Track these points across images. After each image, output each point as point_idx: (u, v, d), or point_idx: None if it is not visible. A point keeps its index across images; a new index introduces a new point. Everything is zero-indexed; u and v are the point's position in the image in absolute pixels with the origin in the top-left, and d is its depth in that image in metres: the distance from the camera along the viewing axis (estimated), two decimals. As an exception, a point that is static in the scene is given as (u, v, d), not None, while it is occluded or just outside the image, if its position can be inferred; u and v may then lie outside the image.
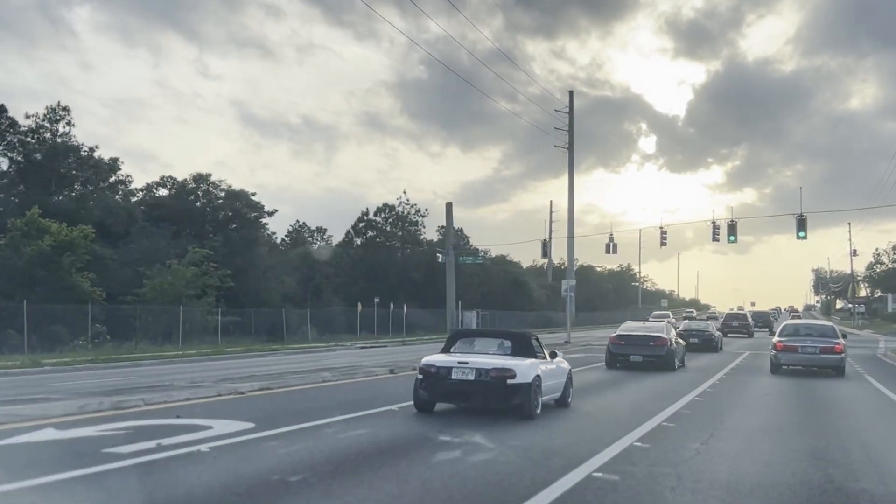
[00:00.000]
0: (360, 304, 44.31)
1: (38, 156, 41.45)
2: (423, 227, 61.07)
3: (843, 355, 20.23)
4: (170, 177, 50.92)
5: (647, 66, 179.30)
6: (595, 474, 7.02)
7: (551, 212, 78.29)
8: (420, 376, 11.06)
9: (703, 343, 30.39)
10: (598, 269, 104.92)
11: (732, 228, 41.34)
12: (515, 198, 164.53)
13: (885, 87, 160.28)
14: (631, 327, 23.63)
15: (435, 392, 10.91)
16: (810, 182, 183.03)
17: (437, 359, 11.15)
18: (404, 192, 71.83)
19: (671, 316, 57.81)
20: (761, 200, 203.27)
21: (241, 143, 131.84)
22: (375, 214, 60.84)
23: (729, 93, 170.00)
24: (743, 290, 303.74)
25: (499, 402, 10.57)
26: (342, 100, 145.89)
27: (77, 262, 32.13)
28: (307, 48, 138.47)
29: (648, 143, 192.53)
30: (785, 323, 25.02)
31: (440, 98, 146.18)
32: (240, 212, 50.19)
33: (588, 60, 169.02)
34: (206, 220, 49.08)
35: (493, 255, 71.00)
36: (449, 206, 53.60)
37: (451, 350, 11.73)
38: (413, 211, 60.54)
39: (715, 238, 42.49)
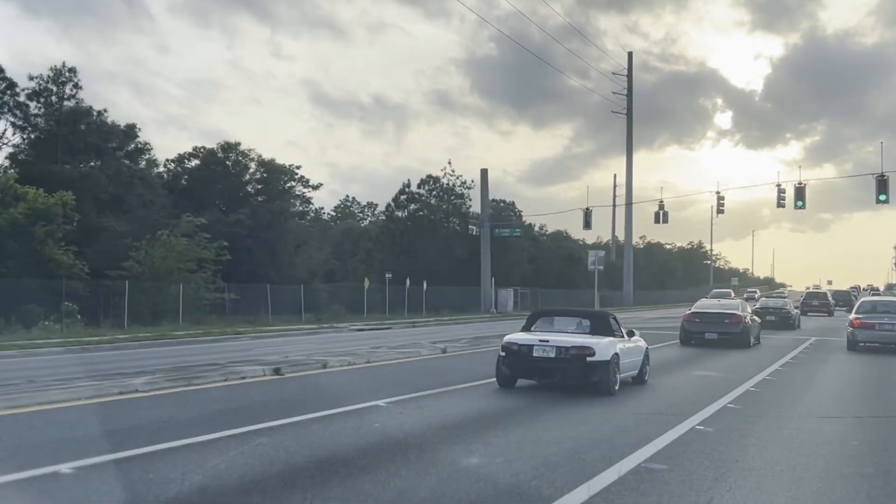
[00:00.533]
0: (366, 280, 43.30)
1: (41, 121, 41.21)
2: (470, 199, 61.92)
3: (922, 332, 21.24)
4: (202, 147, 51.22)
5: (723, 41, 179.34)
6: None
7: (615, 185, 79.51)
8: (503, 353, 12.56)
9: (781, 321, 31.88)
10: (668, 246, 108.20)
11: (800, 193, 40.78)
12: (587, 175, 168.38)
13: None
14: (706, 304, 25.36)
15: (517, 368, 12.42)
16: (893, 158, 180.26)
17: (519, 337, 12.64)
18: (449, 163, 71.60)
19: (732, 294, 58.45)
20: (841, 176, 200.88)
21: (314, 123, 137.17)
22: (419, 186, 61.59)
23: (808, 66, 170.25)
24: (822, 268, 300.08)
25: (578, 379, 12.02)
26: (412, 78, 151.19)
27: (55, 232, 30.79)
28: (377, 27, 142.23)
29: (724, 118, 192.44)
30: (862, 300, 26.04)
31: (511, 76, 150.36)
32: (271, 183, 50.79)
33: (662, 35, 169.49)
34: (234, 191, 49.40)
35: (549, 230, 72.33)
36: (484, 173, 54.03)
37: (532, 328, 13.21)
38: (459, 183, 61.03)
39: (780, 204, 42.60)
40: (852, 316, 22.85)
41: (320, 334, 29.73)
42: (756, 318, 25.44)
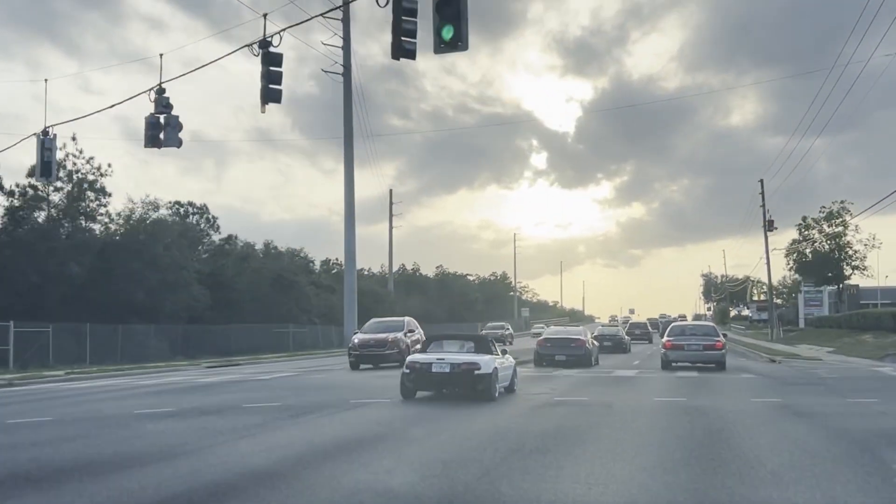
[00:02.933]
0: None
1: None
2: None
3: (724, 351, 26.38)
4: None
5: (537, 83, 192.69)
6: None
7: (391, 202, 79.97)
8: (406, 370, 15.77)
9: (615, 345, 37.94)
10: (471, 277, 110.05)
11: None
12: (410, 214, 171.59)
13: (764, 103, 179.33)
14: (554, 331, 30.28)
15: (419, 382, 15.67)
16: (694, 196, 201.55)
17: (420, 357, 15.95)
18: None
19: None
20: (649, 214, 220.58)
21: (127, 160, 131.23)
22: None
23: (616, 110, 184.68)
24: (633, 299, 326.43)
25: (468, 388, 15.45)
26: (231, 115, 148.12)
27: None
28: (193, 62, 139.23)
29: (540, 159, 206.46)
30: (672, 325, 31.30)
31: (332, 114, 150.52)
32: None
33: (479, 77, 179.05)
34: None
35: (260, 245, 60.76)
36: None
37: (427, 350, 16.53)
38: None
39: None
40: (664, 339, 27.08)
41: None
42: (595, 342, 30.46)
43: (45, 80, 26.77)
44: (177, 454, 9.17)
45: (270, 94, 19.15)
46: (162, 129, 21.03)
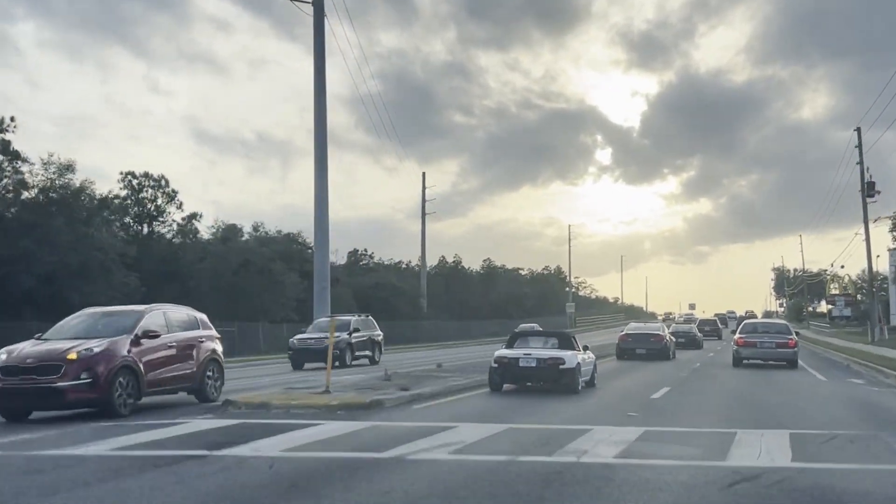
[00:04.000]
0: None
1: None
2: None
3: (796, 350, 26.82)
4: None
5: (601, 78, 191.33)
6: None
7: (424, 188, 72.93)
8: (495, 365, 17.05)
9: (689, 342, 39.55)
10: (522, 271, 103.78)
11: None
12: (473, 212, 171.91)
13: (835, 95, 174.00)
14: (635, 327, 32.69)
15: (507, 376, 16.94)
16: (763, 191, 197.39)
17: (507, 352, 17.22)
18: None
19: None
20: (716, 210, 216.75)
21: (195, 161, 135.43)
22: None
23: (682, 104, 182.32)
24: (697, 295, 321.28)
25: (553, 381, 16.64)
26: (296, 115, 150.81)
27: None
28: (258, 63, 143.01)
29: (604, 154, 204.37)
30: (745, 322, 31.98)
31: (395, 112, 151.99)
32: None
33: (542, 73, 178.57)
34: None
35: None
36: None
37: (514, 346, 17.80)
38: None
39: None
40: (737, 335, 27.69)
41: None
42: (672, 338, 32.65)
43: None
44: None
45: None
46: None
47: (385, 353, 31.50)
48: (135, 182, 47.88)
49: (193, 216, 51.04)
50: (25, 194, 37.74)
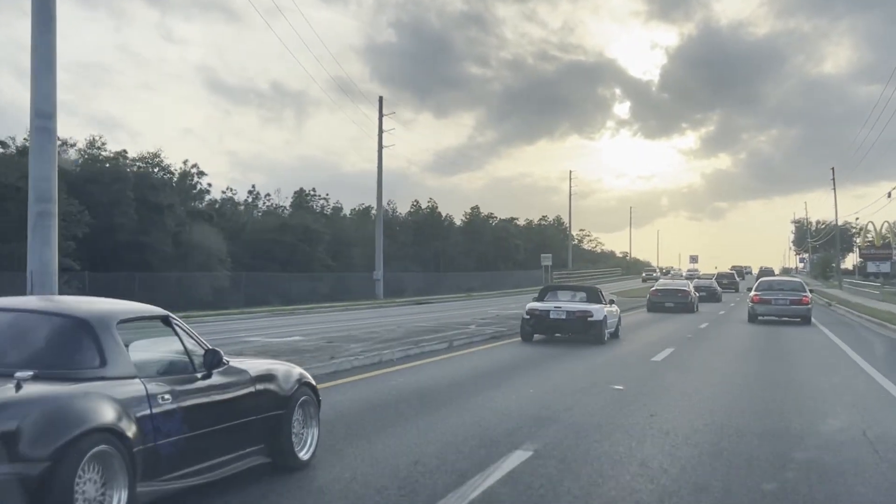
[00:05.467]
0: None
1: None
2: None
3: (809, 306, 28.10)
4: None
5: (620, 30, 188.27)
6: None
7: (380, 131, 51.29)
8: (527, 316, 18.74)
9: (709, 295, 42.86)
10: (520, 222, 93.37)
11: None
12: (490, 165, 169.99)
13: (859, 49, 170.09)
14: (664, 283, 37.15)
15: (538, 327, 18.64)
16: (784, 147, 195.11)
17: (538, 305, 18.89)
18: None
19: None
20: (735, 166, 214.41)
21: (210, 110, 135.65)
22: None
23: (703, 57, 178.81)
24: (715, 252, 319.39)
25: (581, 332, 18.32)
26: (311, 65, 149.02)
27: None
28: (273, 12, 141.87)
29: (623, 108, 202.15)
30: (760, 279, 33.09)
31: (411, 63, 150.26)
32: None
33: (560, 24, 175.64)
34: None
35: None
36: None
37: (545, 299, 19.46)
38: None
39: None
40: (752, 293, 28.61)
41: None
42: (696, 293, 36.20)
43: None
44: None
45: None
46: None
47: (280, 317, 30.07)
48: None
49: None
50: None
